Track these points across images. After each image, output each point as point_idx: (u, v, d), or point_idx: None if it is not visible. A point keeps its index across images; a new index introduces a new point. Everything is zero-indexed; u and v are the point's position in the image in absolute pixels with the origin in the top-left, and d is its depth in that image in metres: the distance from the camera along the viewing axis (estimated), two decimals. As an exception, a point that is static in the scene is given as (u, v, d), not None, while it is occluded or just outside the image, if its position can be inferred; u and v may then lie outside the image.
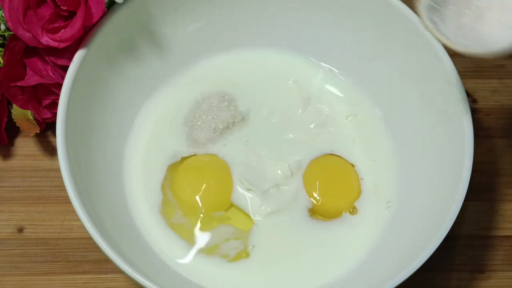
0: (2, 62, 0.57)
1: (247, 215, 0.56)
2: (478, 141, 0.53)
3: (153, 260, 0.54)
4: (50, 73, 0.56)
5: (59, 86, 0.54)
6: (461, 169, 0.51)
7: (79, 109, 0.53)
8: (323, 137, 0.60)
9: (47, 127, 0.62)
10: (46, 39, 0.54)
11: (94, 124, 0.56)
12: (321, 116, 0.61)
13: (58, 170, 0.49)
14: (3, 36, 0.59)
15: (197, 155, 0.59)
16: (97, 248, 0.48)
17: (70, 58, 0.53)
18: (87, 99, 0.55)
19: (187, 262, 0.54)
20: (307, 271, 0.55)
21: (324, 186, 0.57)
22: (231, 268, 0.54)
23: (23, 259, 0.58)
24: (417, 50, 0.56)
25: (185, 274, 0.54)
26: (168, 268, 0.54)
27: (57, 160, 0.50)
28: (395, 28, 0.57)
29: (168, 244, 0.55)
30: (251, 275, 0.54)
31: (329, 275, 0.54)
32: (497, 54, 0.43)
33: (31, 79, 0.56)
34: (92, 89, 0.55)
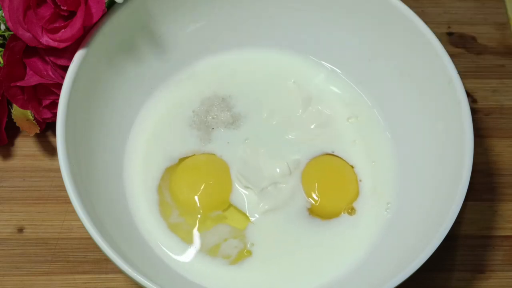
0: (2, 62, 0.57)
1: (243, 213, 0.56)
2: (478, 141, 0.53)
3: (153, 260, 0.54)
4: (50, 73, 0.56)
5: (59, 86, 0.54)
6: (461, 169, 0.51)
7: (79, 109, 0.53)
8: (323, 138, 0.60)
9: (47, 127, 0.62)
10: (46, 39, 0.54)
11: (94, 124, 0.56)
12: (321, 117, 0.61)
13: (58, 170, 0.49)
14: (3, 36, 0.59)
15: (195, 155, 0.59)
16: (97, 248, 0.48)
17: (70, 58, 0.53)
18: (87, 99, 0.55)
19: (187, 262, 0.54)
20: (306, 270, 0.55)
21: (322, 186, 0.57)
22: (233, 268, 0.54)
23: (23, 259, 0.58)
24: (417, 50, 0.56)
25: (185, 274, 0.54)
26: (168, 268, 0.54)
27: (57, 160, 0.50)
28: (395, 28, 0.57)
29: (168, 244, 0.55)
30: (252, 274, 0.54)
31: (329, 274, 0.54)
32: None
33: (31, 79, 0.56)
34: (92, 89, 0.55)
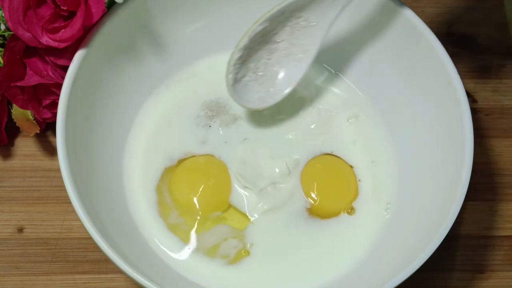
0: (2, 62, 0.57)
1: (243, 214, 0.56)
2: (478, 141, 0.53)
3: (153, 260, 0.54)
4: (50, 73, 0.56)
5: (59, 86, 0.54)
6: (461, 169, 0.51)
7: (79, 109, 0.53)
8: (323, 138, 0.60)
9: (47, 127, 0.62)
10: (46, 39, 0.54)
11: (94, 124, 0.56)
12: (321, 117, 0.61)
13: (58, 170, 0.49)
14: (3, 36, 0.59)
15: (195, 156, 0.59)
16: (97, 248, 0.48)
17: (70, 58, 0.53)
18: (87, 99, 0.55)
19: (186, 261, 0.54)
20: (305, 271, 0.55)
21: (321, 186, 0.57)
22: (232, 268, 0.54)
23: (23, 259, 0.58)
24: (417, 50, 0.56)
25: (185, 274, 0.54)
26: (168, 268, 0.54)
27: (57, 160, 0.50)
28: (395, 28, 0.57)
29: (168, 244, 0.55)
30: (251, 274, 0.54)
31: (328, 274, 0.54)
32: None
33: (31, 79, 0.56)
34: (92, 89, 0.55)
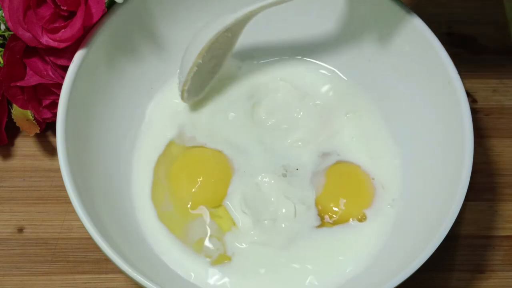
0: (2, 62, 0.57)
1: (231, 217, 0.56)
2: (478, 141, 0.53)
3: (152, 260, 0.54)
4: (50, 73, 0.56)
5: (59, 86, 0.54)
6: (461, 169, 0.51)
7: (79, 109, 0.53)
8: (326, 140, 0.60)
9: (47, 127, 0.62)
10: (46, 39, 0.54)
11: (94, 124, 0.56)
12: (321, 117, 0.61)
13: (58, 170, 0.49)
14: (3, 36, 0.59)
15: (203, 147, 0.58)
16: (97, 248, 0.48)
17: (70, 58, 0.53)
18: (87, 99, 0.55)
19: (185, 262, 0.54)
20: (304, 276, 0.54)
21: (340, 197, 0.56)
22: (217, 270, 0.54)
23: (23, 259, 0.58)
24: (417, 50, 0.56)
25: (184, 275, 0.54)
26: (167, 269, 0.54)
27: (57, 160, 0.50)
28: (395, 28, 0.57)
29: (167, 244, 0.55)
30: (237, 282, 0.54)
31: (328, 277, 0.54)
32: None
33: (31, 79, 0.56)
34: (92, 89, 0.55)
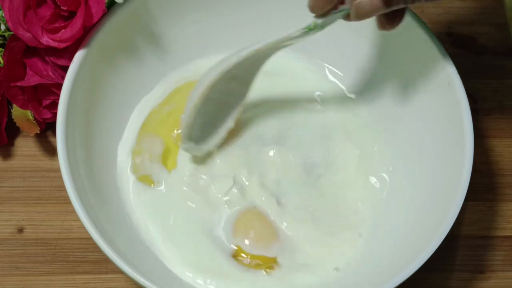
0: (2, 62, 0.57)
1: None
2: (478, 141, 0.53)
3: (152, 260, 0.54)
4: (50, 73, 0.56)
5: (59, 86, 0.54)
6: (461, 169, 0.51)
7: (79, 109, 0.53)
8: (323, 140, 0.60)
9: (47, 127, 0.62)
10: (46, 39, 0.54)
11: (94, 124, 0.56)
12: (322, 118, 0.61)
13: (58, 170, 0.49)
14: (3, 36, 0.59)
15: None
16: (97, 248, 0.48)
17: (70, 58, 0.53)
18: (87, 99, 0.55)
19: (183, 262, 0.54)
20: (304, 267, 0.54)
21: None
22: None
23: (23, 259, 0.58)
24: (417, 50, 0.56)
25: (182, 276, 0.54)
26: (167, 269, 0.54)
27: (57, 160, 0.50)
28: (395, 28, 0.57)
29: (166, 244, 0.55)
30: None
31: (326, 272, 0.54)
32: None
33: (31, 79, 0.56)
34: (92, 89, 0.55)
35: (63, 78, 0.53)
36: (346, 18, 0.49)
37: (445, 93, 0.54)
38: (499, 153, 0.64)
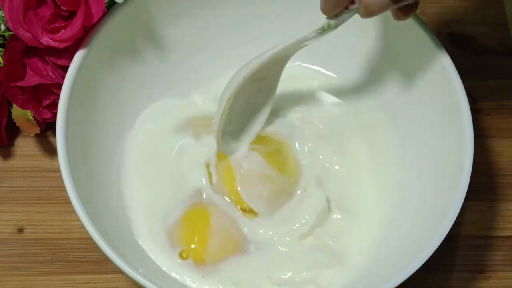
0: (2, 62, 0.57)
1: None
2: (478, 141, 0.53)
3: (152, 260, 0.54)
4: (50, 73, 0.56)
5: (59, 86, 0.54)
6: (461, 170, 0.51)
7: (79, 109, 0.53)
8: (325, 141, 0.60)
9: (47, 127, 0.62)
10: (46, 39, 0.54)
11: (94, 124, 0.56)
12: (323, 118, 0.61)
13: (58, 170, 0.49)
14: (3, 36, 0.59)
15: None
16: (97, 248, 0.48)
17: (70, 58, 0.53)
18: (87, 99, 0.55)
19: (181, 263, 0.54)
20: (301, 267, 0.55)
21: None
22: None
23: (23, 259, 0.58)
24: (417, 50, 0.56)
25: (179, 276, 0.54)
26: (166, 268, 0.54)
27: (57, 160, 0.50)
28: (395, 28, 0.57)
29: (164, 245, 0.55)
30: None
31: (326, 275, 0.54)
32: None
33: (31, 79, 0.56)
34: (92, 89, 0.55)
35: (63, 78, 0.53)
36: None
37: (445, 93, 0.54)
38: (499, 153, 0.64)
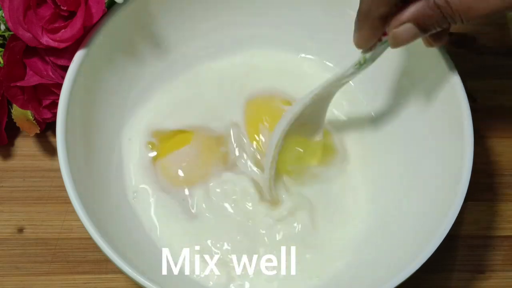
0: (2, 62, 0.57)
1: None
2: (478, 141, 0.53)
3: (153, 260, 0.54)
4: (50, 73, 0.56)
5: (59, 86, 0.54)
6: (461, 169, 0.51)
7: (79, 109, 0.53)
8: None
9: (47, 127, 0.62)
10: (46, 39, 0.54)
11: (94, 124, 0.56)
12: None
13: (58, 170, 0.49)
14: (3, 36, 0.59)
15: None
16: (97, 248, 0.48)
17: (70, 58, 0.53)
18: (87, 99, 0.55)
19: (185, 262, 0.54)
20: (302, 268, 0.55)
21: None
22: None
23: (23, 259, 0.58)
24: (417, 50, 0.56)
25: (183, 274, 0.54)
26: (167, 268, 0.54)
27: (57, 160, 0.50)
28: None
29: (169, 243, 0.55)
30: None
31: (327, 273, 0.54)
32: None
33: (31, 79, 0.56)
34: (92, 89, 0.55)
35: (63, 78, 0.53)
36: None
37: (445, 93, 0.54)
38: (499, 153, 0.64)
